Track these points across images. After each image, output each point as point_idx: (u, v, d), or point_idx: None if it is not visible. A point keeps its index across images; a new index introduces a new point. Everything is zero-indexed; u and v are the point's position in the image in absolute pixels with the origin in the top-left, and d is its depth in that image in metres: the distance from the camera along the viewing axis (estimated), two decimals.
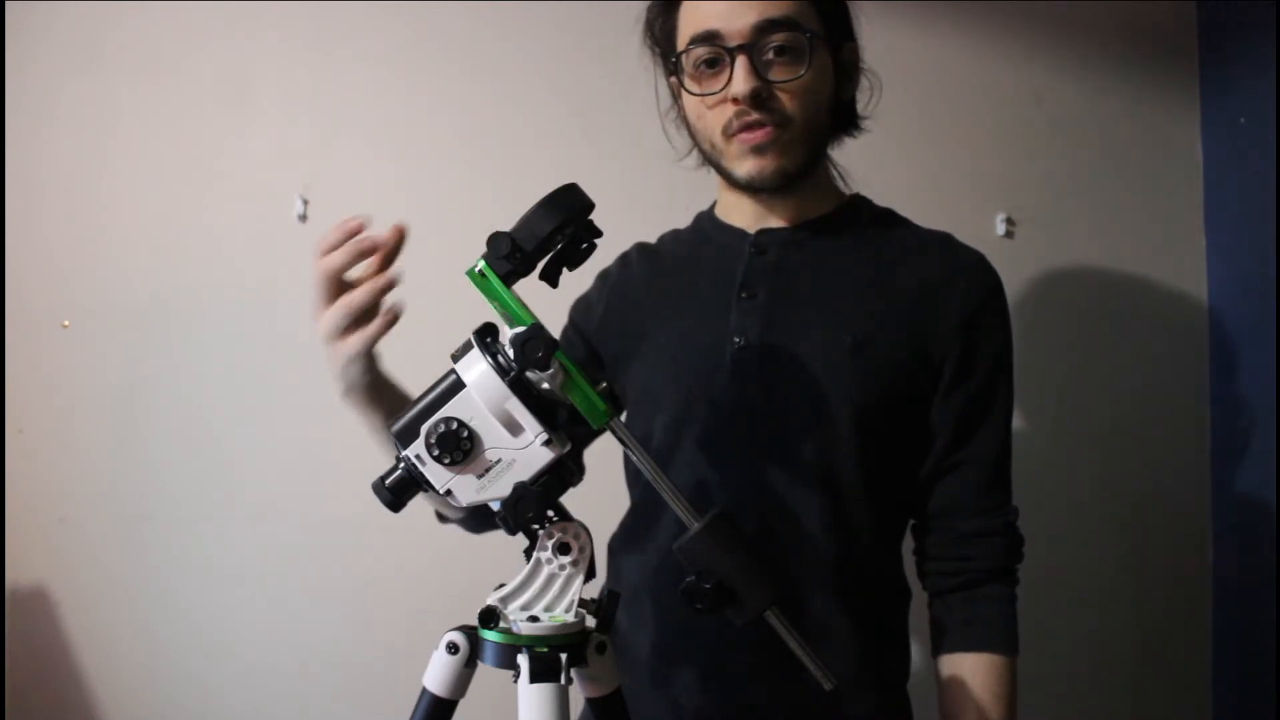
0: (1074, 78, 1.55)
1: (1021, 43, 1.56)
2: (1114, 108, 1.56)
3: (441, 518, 1.05)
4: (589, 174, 0.86)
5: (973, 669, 0.97)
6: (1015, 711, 0.97)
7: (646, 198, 1.10)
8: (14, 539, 1.54)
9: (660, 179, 1.07)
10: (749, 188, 1.01)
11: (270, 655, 1.55)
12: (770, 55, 0.94)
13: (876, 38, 1.52)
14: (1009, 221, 1.55)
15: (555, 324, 1.14)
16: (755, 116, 0.95)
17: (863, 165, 1.12)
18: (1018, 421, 1.54)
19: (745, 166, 0.98)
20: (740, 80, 0.93)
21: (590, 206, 0.79)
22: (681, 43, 0.99)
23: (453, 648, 0.81)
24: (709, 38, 0.95)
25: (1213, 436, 1.55)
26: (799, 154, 0.98)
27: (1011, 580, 1.00)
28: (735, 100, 0.94)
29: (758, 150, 0.96)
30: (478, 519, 1.01)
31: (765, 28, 0.93)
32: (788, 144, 0.96)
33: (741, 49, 0.93)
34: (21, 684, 1.54)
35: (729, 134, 0.97)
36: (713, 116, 0.98)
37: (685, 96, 1.01)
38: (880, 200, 1.11)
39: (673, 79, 1.04)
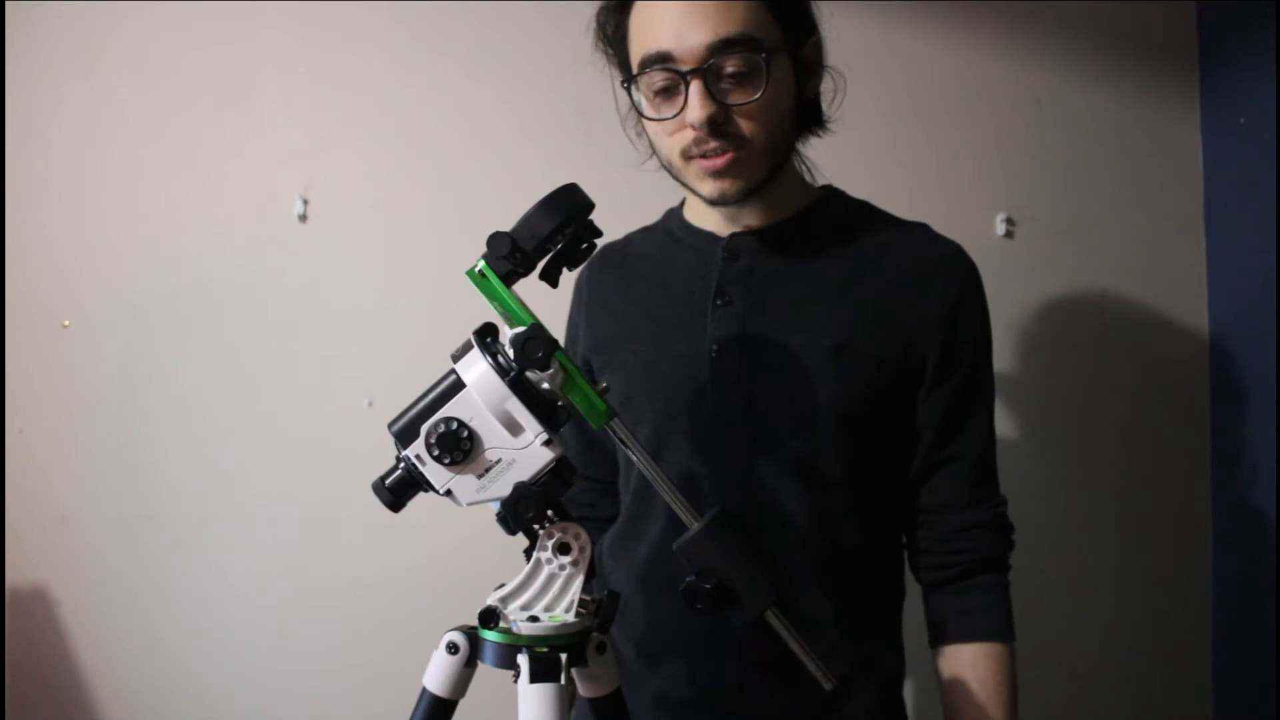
0: (1074, 78, 1.55)
1: (1021, 43, 1.56)
2: (1114, 108, 1.56)
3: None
4: (589, 174, 0.86)
5: (972, 660, 0.96)
6: (1017, 697, 0.97)
7: (646, 197, 1.10)
8: (14, 539, 1.54)
9: (660, 179, 1.07)
10: (712, 205, 0.99)
11: (270, 655, 1.55)
12: (727, 76, 0.90)
13: (877, 38, 1.53)
14: (1009, 221, 1.55)
15: (555, 324, 1.14)
16: (713, 144, 0.91)
17: (862, 165, 1.12)
18: (1017, 422, 1.55)
19: (706, 188, 0.95)
20: (695, 107, 0.89)
21: (590, 206, 0.79)
22: (635, 58, 0.94)
23: (453, 648, 0.81)
24: (662, 59, 0.90)
25: (1213, 437, 1.55)
26: (761, 170, 0.95)
27: (1004, 568, 1.00)
28: (693, 126, 0.90)
29: (717, 175, 0.93)
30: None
31: (719, 48, 0.88)
32: (747, 163, 0.93)
33: (695, 73, 0.89)
34: (21, 684, 1.54)
35: (688, 157, 0.94)
36: (671, 142, 0.94)
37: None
38: (880, 201, 1.10)
39: (627, 85, 0.99)
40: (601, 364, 1.08)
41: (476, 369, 0.77)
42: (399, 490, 0.80)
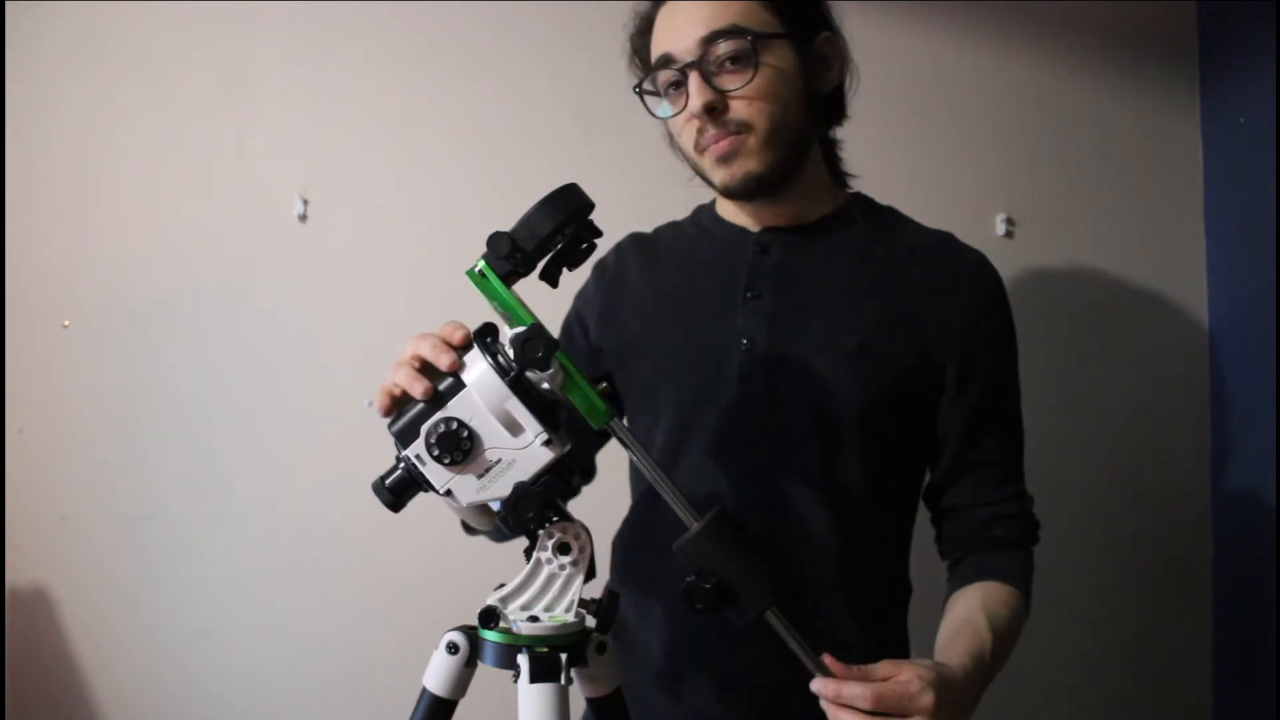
0: (1074, 78, 1.55)
1: (1021, 43, 1.56)
2: (1114, 108, 1.56)
3: (468, 528, 1.00)
4: (589, 174, 0.86)
5: (983, 588, 0.96)
6: (1015, 637, 0.95)
7: (647, 197, 1.10)
8: (14, 539, 1.54)
9: (660, 178, 1.07)
10: (727, 195, 1.02)
11: (270, 655, 1.55)
12: (722, 67, 0.95)
13: (877, 37, 1.53)
14: (1009, 221, 1.55)
15: (555, 324, 1.14)
16: (714, 131, 0.96)
17: (863, 164, 1.12)
18: None
19: (718, 176, 0.99)
20: (693, 96, 0.95)
21: (590, 206, 0.79)
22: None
23: (453, 648, 0.81)
24: (665, 61, 0.97)
25: (1213, 436, 1.55)
26: (767, 157, 0.97)
27: (1029, 552, 1.02)
28: (693, 115, 0.96)
29: (724, 160, 0.97)
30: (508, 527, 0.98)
31: (710, 39, 0.94)
32: (753, 149, 0.96)
33: (691, 65, 0.95)
34: (21, 684, 1.54)
35: (700, 149, 0.99)
36: (685, 136, 1.00)
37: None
38: (881, 199, 1.10)
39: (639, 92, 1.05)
40: (623, 348, 1.09)
41: (476, 369, 0.77)
42: (399, 490, 0.80)
